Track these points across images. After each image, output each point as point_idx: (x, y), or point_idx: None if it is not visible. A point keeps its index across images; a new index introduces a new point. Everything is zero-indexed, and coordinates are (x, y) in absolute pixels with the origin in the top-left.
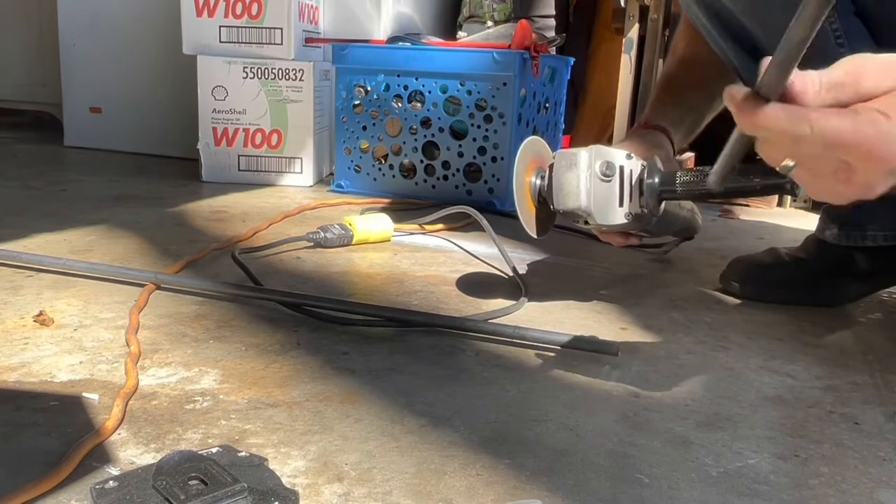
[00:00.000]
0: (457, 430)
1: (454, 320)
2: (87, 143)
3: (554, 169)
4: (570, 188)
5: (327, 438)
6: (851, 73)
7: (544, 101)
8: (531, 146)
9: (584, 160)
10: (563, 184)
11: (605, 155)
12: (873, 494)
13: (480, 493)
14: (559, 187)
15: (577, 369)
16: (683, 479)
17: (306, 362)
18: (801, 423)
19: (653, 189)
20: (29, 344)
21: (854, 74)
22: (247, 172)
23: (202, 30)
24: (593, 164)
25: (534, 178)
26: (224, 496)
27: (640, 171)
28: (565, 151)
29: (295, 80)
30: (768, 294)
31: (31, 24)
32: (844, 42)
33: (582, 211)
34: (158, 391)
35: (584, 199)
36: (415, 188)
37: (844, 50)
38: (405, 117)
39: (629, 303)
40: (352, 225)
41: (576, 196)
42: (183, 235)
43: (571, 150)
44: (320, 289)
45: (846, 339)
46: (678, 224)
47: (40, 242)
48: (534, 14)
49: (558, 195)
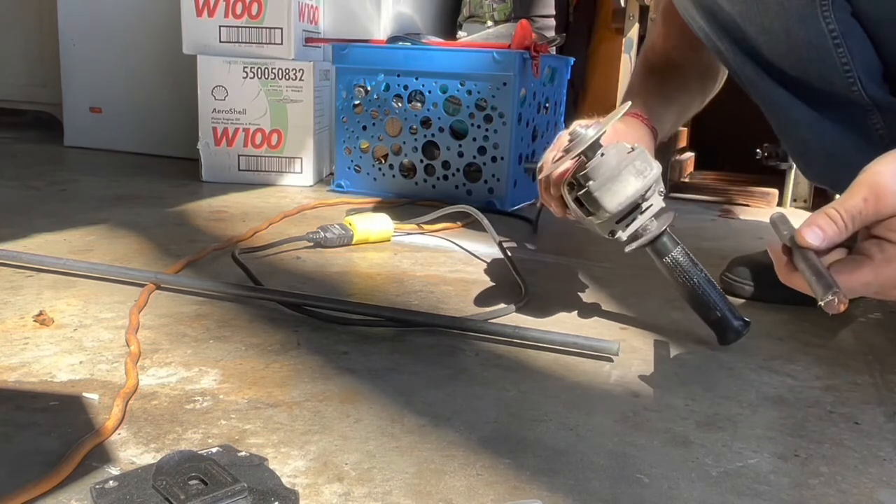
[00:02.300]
0: (457, 430)
1: (454, 320)
2: (87, 143)
3: (619, 159)
4: (622, 191)
5: (327, 438)
6: (870, 199)
7: (544, 100)
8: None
9: (654, 177)
10: (620, 183)
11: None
12: (873, 494)
13: (480, 493)
14: (614, 181)
15: (577, 369)
16: (683, 479)
17: (306, 362)
18: (801, 423)
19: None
20: (29, 344)
21: (873, 199)
22: (247, 172)
23: (202, 30)
24: (653, 185)
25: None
26: (224, 496)
27: (658, 211)
28: (644, 152)
29: (295, 79)
30: (768, 294)
31: (31, 24)
32: (841, 42)
33: (603, 212)
34: (158, 391)
35: (620, 208)
36: (415, 188)
37: (842, 50)
38: (405, 117)
39: (629, 303)
40: (352, 225)
41: (618, 202)
42: (183, 235)
43: (648, 153)
44: (320, 289)
45: (846, 339)
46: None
47: (40, 242)
48: (534, 14)
49: (606, 186)
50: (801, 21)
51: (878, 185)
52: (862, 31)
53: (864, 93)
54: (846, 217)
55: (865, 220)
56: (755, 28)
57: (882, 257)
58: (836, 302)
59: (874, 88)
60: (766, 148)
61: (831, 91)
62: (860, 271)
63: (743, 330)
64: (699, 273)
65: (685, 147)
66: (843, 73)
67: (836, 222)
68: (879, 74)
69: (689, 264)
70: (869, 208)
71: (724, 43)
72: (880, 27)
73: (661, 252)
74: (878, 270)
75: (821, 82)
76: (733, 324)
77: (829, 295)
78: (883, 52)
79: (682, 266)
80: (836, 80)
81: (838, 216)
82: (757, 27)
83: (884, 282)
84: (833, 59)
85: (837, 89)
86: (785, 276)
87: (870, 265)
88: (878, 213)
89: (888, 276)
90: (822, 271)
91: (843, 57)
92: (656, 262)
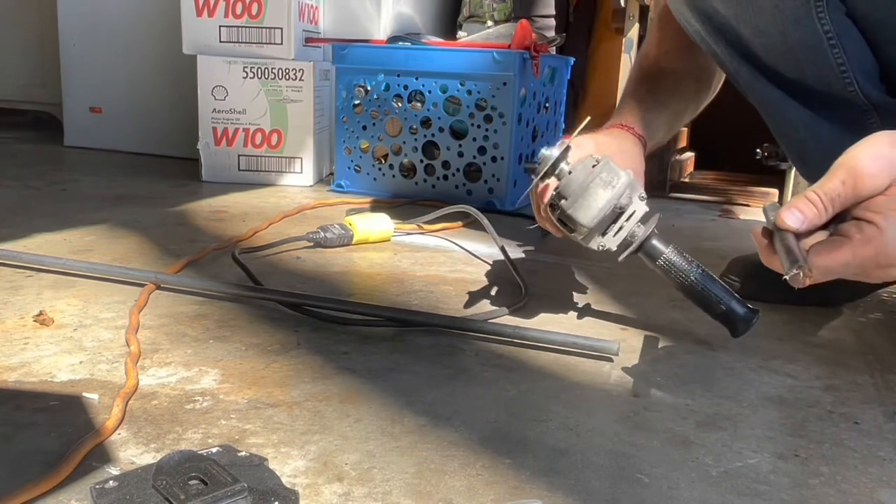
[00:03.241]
0: (457, 430)
1: (454, 320)
2: (87, 143)
3: (585, 174)
4: (593, 205)
5: (327, 438)
6: (848, 181)
7: (544, 100)
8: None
9: (623, 185)
10: (590, 197)
11: (638, 189)
12: (873, 494)
13: (480, 493)
14: (584, 197)
15: (577, 369)
16: (683, 479)
17: (306, 362)
18: (801, 423)
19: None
20: (29, 344)
21: (851, 182)
22: (247, 172)
23: (202, 30)
24: (625, 192)
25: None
26: (224, 496)
27: (642, 216)
28: (608, 162)
29: (295, 79)
30: (768, 294)
31: (31, 24)
32: (836, 42)
33: (581, 227)
34: (158, 391)
35: (595, 221)
36: (415, 188)
37: (837, 51)
38: (405, 117)
39: (629, 303)
40: (352, 225)
41: (591, 216)
42: (183, 235)
43: (614, 163)
44: (320, 289)
45: (846, 339)
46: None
47: (40, 242)
48: (534, 14)
49: (577, 203)
50: (796, 22)
51: (856, 168)
52: (857, 32)
53: (861, 93)
54: (825, 199)
55: (845, 202)
56: (750, 30)
57: (861, 237)
58: (801, 276)
59: (870, 88)
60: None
61: (828, 92)
62: (839, 251)
63: (752, 318)
64: (696, 270)
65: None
66: (839, 74)
67: (816, 205)
68: (876, 75)
69: (684, 262)
70: (847, 190)
71: (719, 46)
72: (876, 29)
73: (653, 255)
74: (856, 250)
75: (817, 83)
76: (740, 313)
77: (794, 269)
78: (879, 54)
79: (676, 266)
80: (833, 81)
81: (817, 199)
82: (752, 29)
83: (862, 261)
84: (829, 59)
85: (834, 90)
86: (766, 258)
87: (849, 245)
88: (857, 195)
89: (866, 256)
90: (793, 248)
91: (838, 58)
92: (651, 265)
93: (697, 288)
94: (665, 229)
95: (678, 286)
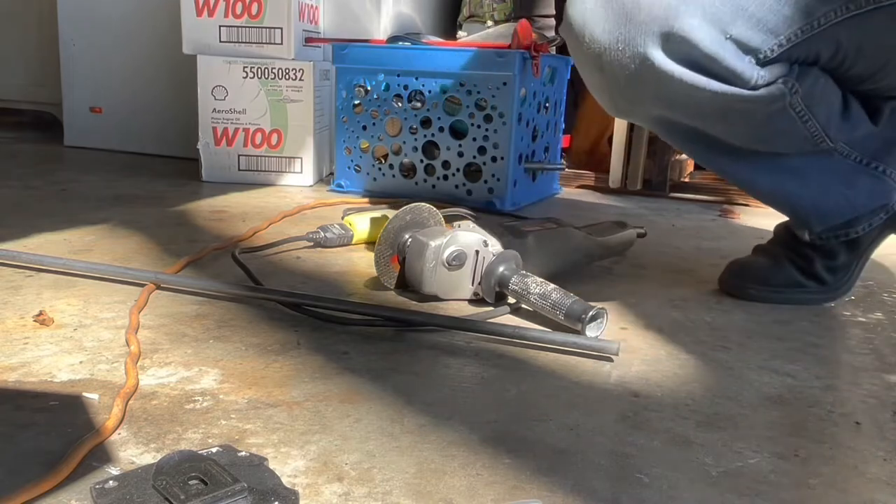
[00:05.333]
0: (457, 430)
1: (454, 320)
2: (87, 143)
3: (407, 252)
4: (415, 274)
5: (327, 438)
6: None
7: (544, 100)
8: (410, 213)
9: (432, 252)
10: (411, 269)
11: (459, 243)
12: (873, 494)
13: (480, 493)
14: (409, 270)
15: (577, 369)
16: (683, 479)
17: (306, 362)
18: (801, 423)
19: (489, 287)
20: (29, 344)
21: None
22: (247, 172)
23: (202, 29)
24: (441, 254)
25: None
26: (224, 496)
27: (491, 261)
28: (419, 238)
29: (295, 79)
30: (768, 294)
31: (30, 23)
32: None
33: (426, 292)
34: (158, 391)
35: (426, 285)
36: (415, 188)
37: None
38: (405, 117)
39: (629, 303)
40: (352, 225)
41: (419, 283)
42: (183, 235)
43: (424, 237)
44: (320, 289)
45: (846, 339)
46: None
47: (40, 242)
48: (534, 14)
49: (409, 276)
50: (768, 119)
51: None
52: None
53: (829, 142)
54: None
55: None
56: (721, 130)
57: None
58: None
59: (835, 132)
60: None
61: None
62: None
63: (597, 314)
64: (546, 287)
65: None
66: (812, 138)
67: None
68: (839, 116)
69: (534, 286)
70: None
71: (686, 146)
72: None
73: (508, 293)
74: None
75: (788, 149)
76: (589, 313)
77: None
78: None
79: (523, 292)
80: (807, 146)
81: None
82: (722, 132)
83: None
84: (802, 132)
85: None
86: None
87: None
88: None
89: None
90: None
91: (812, 129)
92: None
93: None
94: (665, 229)
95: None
